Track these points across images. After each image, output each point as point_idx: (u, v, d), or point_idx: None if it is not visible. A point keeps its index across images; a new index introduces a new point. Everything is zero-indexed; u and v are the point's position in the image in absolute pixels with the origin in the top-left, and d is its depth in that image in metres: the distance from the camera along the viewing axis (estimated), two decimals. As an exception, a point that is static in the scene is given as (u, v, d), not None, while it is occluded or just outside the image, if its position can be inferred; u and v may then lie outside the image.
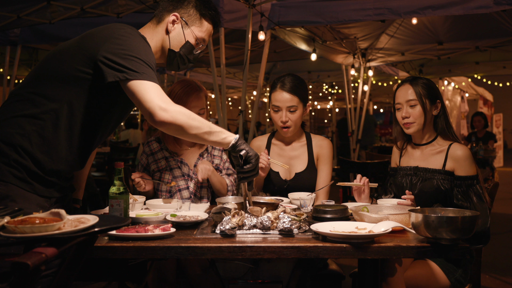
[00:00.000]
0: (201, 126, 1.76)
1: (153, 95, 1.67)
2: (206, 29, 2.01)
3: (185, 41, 1.96)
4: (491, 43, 6.34)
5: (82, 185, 2.19)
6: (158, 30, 1.96)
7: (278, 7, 4.63)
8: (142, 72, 1.68)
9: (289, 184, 2.61)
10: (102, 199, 5.23)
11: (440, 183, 2.23)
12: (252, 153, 1.84)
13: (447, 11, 4.02)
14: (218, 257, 1.68)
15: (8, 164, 1.68)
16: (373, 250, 1.59)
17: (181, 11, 1.96)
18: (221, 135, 1.82)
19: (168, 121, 1.67)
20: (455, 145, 2.26)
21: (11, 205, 1.62)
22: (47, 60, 1.83)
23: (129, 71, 1.67)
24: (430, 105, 2.30)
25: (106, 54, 1.70)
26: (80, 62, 1.74)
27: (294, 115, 2.55)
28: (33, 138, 1.71)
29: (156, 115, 1.66)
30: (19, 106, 1.74)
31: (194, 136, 1.77)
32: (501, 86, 12.32)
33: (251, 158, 1.83)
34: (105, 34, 1.76)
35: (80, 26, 4.93)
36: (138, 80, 1.67)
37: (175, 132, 1.76)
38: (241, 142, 1.84)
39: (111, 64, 1.68)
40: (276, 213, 1.81)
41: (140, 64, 1.69)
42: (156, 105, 1.66)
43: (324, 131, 19.25)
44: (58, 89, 1.74)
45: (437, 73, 9.65)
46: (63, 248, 1.22)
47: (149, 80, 1.68)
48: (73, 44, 1.81)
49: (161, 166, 2.62)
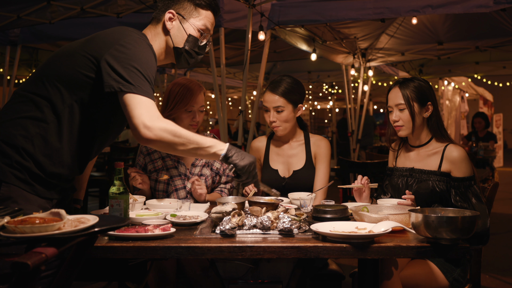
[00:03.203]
0: (188, 143, 1.74)
1: (141, 112, 1.65)
2: (205, 17, 1.98)
3: (187, 35, 1.95)
4: (491, 43, 6.34)
5: (83, 185, 2.19)
6: (158, 31, 1.95)
7: (278, 7, 4.63)
8: (138, 86, 1.67)
9: (287, 182, 2.66)
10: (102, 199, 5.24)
11: (436, 185, 2.23)
12: (244, 163, 1.84)
13: (447, 9, 4.02)
14: (218, 257, 1.68)
15: (10, 165, 1.67)
16: (373, 250, 1.59)
17: (175, 7, 1.94)
18: (210, 150, 1.81)
19: (151, 139, 1.66)
20: (451, 147, 2.26)
21: (12, 206, 1.61)
22: (51, 61, 1.82)
23: (125, 83, 1.66)
24: (419, 108, 2.28)
25: (109, 59, 1.69)
26: (84, 66, 1.73)
27: (281, 115, 2.61)
28: (35, 141, 1.70)
29: (140, 132, 1.65)
30: (23, 108, 1.74)
31: (182, 152, 1.76)
32: (501, 86, 12.31)
33: (244, 169, 1.84)
34: (112, 38, 1.75)
35: (80, 26, 4.93)
36: (131, 93, 1.66)
37: (162, 149, 1.77)
38: (232, 154, 1.83)
39: (111, 72, 1.68)
40: (276, 213, 1.81)
41: (138, 77, 1.68)
42: (140, 123, 1.65)
43: (324, 131, 19.23)
44: (60, 92, 1.73)
45: (437, 73, 9.65)
46: (63, 248, 1.22)
47: (142, 94, 1.67)
48: (78, 46, 1.79)
49: (158, 166, 2.62)
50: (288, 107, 2.61)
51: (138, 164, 2.68)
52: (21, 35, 5.54)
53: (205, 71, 9.35)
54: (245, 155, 1.86)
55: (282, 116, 2.61)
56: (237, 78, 9.90)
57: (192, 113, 2.55)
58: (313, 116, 21.48)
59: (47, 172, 1.72)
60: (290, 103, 2.61)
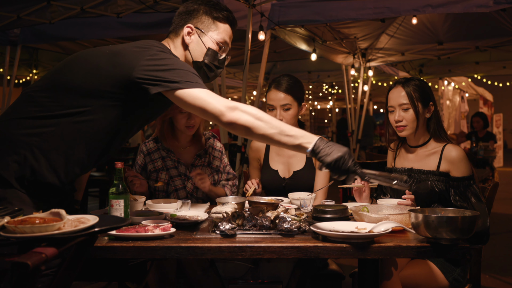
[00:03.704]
0: (270, 127, 1.69)
1: (214, 100, 1.68)
2: (223, 30, 1.98)
3: (206, 49, 1.94)
4: (491, 43, 6.35)
5: (82, 186, 2.18)
6: (176, 45, 1.95)
7: (278, 7, 4.63)
8: (195, 82, 1.70)
9: (287, 182, 2.64)
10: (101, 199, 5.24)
11: (435, 185, 2.23)
12: (332, 159, 1.66)
13: (446, 9, 4.02)
14: (218, 257, 1.68)
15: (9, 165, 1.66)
16: (373, 250, 1.59)
17: (193, 21, 1.94)
18: (295, 141, 1.69)
19: (234, 122, 1.67)
20: (449, 147, 2.26)
21: (8, 207, 1.61)
22: (68, 67, 1.79)
23: (181, 82, 1.67)
24: (423, 108, 2.28)
25: (145, 72, 1.68)
26: (110, 80, 1.71)
27: (288, 113, 2.58)
28: (34, 143, 1.68)
29: (226, 116, 1.67)
30: (29, 109, 1.72)
31: (263, 137, 1.71)
32: (501, 86, 12.31)
33: (331, 165, 1.67)
34: (140, 51, 1.74)
35: (80, 26, 4.92)
36: (192, 88, 1.68)
37: (243, 133, 1.72)
38: (320, 149, 1.67)
39: (153, 79, 1.67)
40: (276, 213, 1.81)
41: (187, 75, 1.70)
42: (222, 107, 1.67)
43: (324, 131, 19.24)
44: (74, 101, 1.71)
45: (437, 73, 9.65)
46: (63, 248, 1.22)
47: (201, 87, 1.70)
48: (102, 59, 1.76)
49: (158, 166, 2.62)
50: (295, 105, 2.59)
51: (137, 163, 2.67)
52: (21, 35, 5.53)
53: (205, 71, 9.34)
54: (333, 148, 1.68)
55: (289, 114, 2.58)
56: (237, 78, 9.90)
57: (186, 114, 2.52)
58: (313, 116, 21.48)
59: (44, 175, 1.71)
60: (296, 101, 2.59)
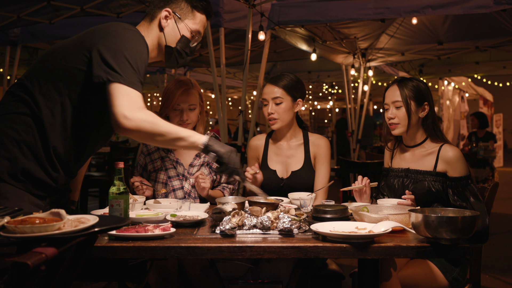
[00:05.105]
0: (167, 133, 1.73)
1: (123, 102, 1.64)
2: (199, 21, 2.00)
3: (180, 36, 1.96)
4: (491, 43, 6.34)
5: (78, 186, 2.18)
6: (152, 27, 1.95)
7: (278, 7, 4.63)
8: (125, 76, 1.66)
9: (285, 183, 2.63)
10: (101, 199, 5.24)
11: (432, 185, 2.24)
12: (226, 150, 1.86)
13: (446, 10, 4.02)
14: (218, 257, 1.68)
15: (0, 161, 1.67)
16: (373, 250, 1.59)
17: (172, 6, 1.95)
18: (189, 139, 1.81)
19: (129, 128, 1.65)
20: (446, 147, 2.26)
21: (3, 202, 1.62)
22: (42, 59, 1.82)
23: (113, 73, 1.65)
24: (416, 107, 2.29)
25: (101, 48, 1.69)
26: (76, 58, 1.72)
27: (279, 107, 2.59)
28: (26, 138, 1.70)
29: (118, 122, 1.64)
30: (13, 105, 1.74)
31: (161, 142, 1.76)
32: (501, 86, 12.32)
33: (226, 155, 1.86)
34: (105, 30, 1.76)
35: (80, 26, 4.92)
36: (117, 83, 1.65)
37: (142, 139, 1.76)
38: (212, 143, 1.84)
39: (101, 62, 1.67)
40: (276, 213, 1.81)
41: (127, 67, 1.67)
42: (120, 112, 1.63)
43: (324, 131, 19.23)
44: (52, 88, 1.73)
45: (437, 73, 9.65)
46: (63, 248, 1.22)
47: (128, 85, 1.66)
48: (71, 41, 1.81)
49: (157, 166, 2.62)
50: (287, 99, 2.59)
51: (139, 164, 2.68)
52: (21, 35, 5.54)
53: (205, 71, 9.35)
54: (225, 145, 1.89)
55: (280, 107, 2.58)
56: (237, 78, 9.91)
57: (179, 111, 2.55)
58: (313, 116, 21.47)
59: (38, 170, 1.71)
60: (289, 95, 2.60)
